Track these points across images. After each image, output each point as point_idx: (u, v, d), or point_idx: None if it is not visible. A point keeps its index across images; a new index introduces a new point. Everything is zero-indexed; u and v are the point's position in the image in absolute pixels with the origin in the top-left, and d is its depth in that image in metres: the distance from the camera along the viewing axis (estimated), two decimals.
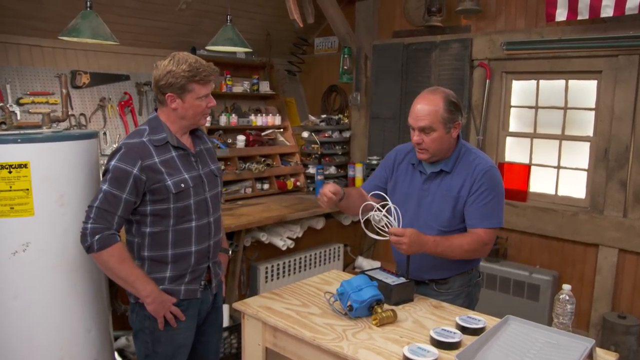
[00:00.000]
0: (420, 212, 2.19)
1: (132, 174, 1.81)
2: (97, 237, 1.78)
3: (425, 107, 2.03)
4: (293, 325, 1.89)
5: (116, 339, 2.99)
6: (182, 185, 1.92)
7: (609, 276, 3.44)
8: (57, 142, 1.93)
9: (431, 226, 2.14)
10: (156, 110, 1.99)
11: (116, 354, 2.86)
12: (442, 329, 1.77)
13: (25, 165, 1.84)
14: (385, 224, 2.02)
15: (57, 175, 1.93)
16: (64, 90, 2.19)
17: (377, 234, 2.05)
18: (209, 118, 4.15)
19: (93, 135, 2.11)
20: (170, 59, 1.87)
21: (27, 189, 1.85)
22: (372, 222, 2.05)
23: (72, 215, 1.97)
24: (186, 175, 1.94)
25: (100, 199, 1.81)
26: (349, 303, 1.91)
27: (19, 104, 3.35)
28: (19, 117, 3.29)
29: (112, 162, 1.83)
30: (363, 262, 4.59)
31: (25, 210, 1.86)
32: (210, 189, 2.06)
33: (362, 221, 2.07)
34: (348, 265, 4.63)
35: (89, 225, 1.79)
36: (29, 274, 1.91)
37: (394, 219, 2.02)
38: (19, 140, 1.83)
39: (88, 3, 2.80)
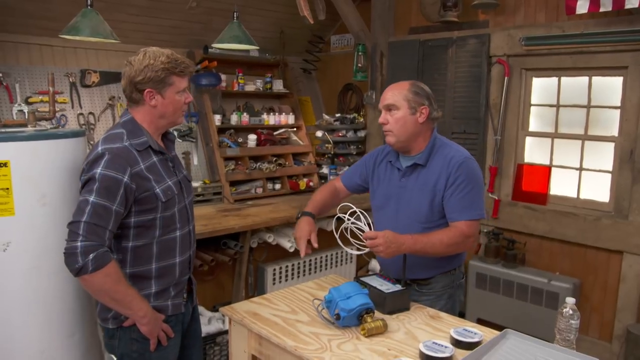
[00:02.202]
0: (400, 209, 2.15)
1: (123, 182, 1.65)
2: (91, 256, 1.59)
3: (392, 89, 2.10)
4: (277, 333, 1.80)
5: None
6: (169, 192, 1.80)
7: (634, 285, 3.22)
8: (39, 140, 1.89)
9: (412, 223, 2.09)
10: (127, 111, 1.84)
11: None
12: (434, 342, 1.66)
13: (5, 164, 1.81)
14: (357, 231, 1.94)
15: (38, 175, 1.89)
16: (50, 89, 2.14)
17: (356, 248, 1.98)
18: (219, 117, 4.12)
19: (79, 134, 2.07)
20: (144, 54, 1.75)
21: (7, 188, 1.82)
22: (347, 235, 1.99)
23: (54, 215, 1.93)
24: (170, 182, 1.83)
25: (89, 213, 1.61)
26: (336, 311, 1.81)
27: (27, 103, 3.36)
28: (26, 117, 3.30)
29: (98, 170, 1.65)
30: (377, 265, 4.46)
31: (5, 210, 1.82)
32: (187, 195, 1.95)
33: (337, 238, 2.00)
34: (361, 267, 4.52)
35: (80, 244, 1.59)
36: (8, 274, 1.87)
37: (364, 224, 1.94)
38: None
39: (89, 1, 2.77)
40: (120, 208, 1.68)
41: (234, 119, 4.22)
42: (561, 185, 3.68)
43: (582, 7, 3.09)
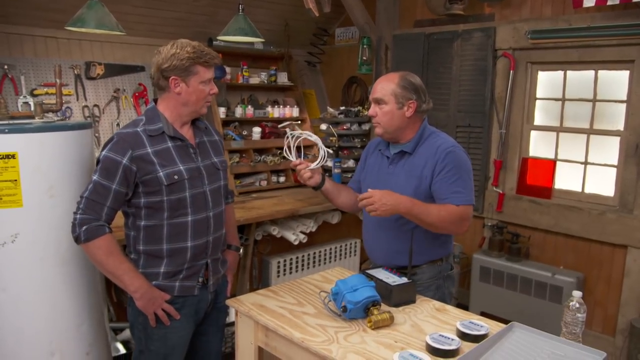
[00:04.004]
0: None
1: (122, 164, 1.78)
2: (84, 227, 1.75)
3: (382, 82, 2.14)
4: (284, 325, 1.81)
5: (122, 330, 2.98)
6: (176, 177, 1.86)
7: (638, 280, 3.23)
8: (47, 132, 1.90)
9: None
10: (155, 101, 1.95)
11: (120, 346, 2.85)
12: (440, 335, 1.67)
13: (13, 156, 1.81)
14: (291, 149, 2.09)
15: (46, 166, 1.90)
16: (57, 80, 2.14)
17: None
18: (224, 109, 4.12)
19: (86, 126, 2.07)
20: (173, 44, 1.86)
21: (16, 180, 1.83)
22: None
23: (62, 207, 1.94)
24: (181, 167, 1.88)
25: (90, 190, 1.78)
26: (343, 304, 1.82)
27: (32, 95, 3.37)
28: (32, 109, 3.31)
29: (103, 152, 1.80)
30: None
31: (13, 202, 1.83)
32: (210, 182, 1.99)
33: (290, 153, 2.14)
34: (365, 261, 4.53)
35: (78, 216, 1.77)
36: (17, 265, 1.89)
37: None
38: (6, 130, 1.80)
39: None
40: (121, 188, 1.80)
41: (238, 111, 4.22)
42: (566, 179, 3.68)
43: (589, 0, 3.07)
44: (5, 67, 3.30)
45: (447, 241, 2.24)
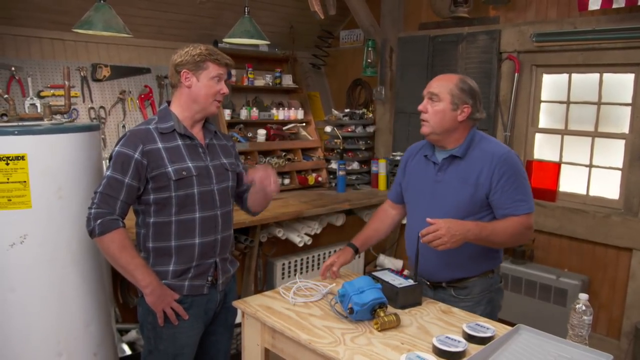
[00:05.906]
0: (435, 203, 2.07)
1: (134, 158, 1.84)
2: (98, 221, 1.80)
3: (440, 80, 2.06)
4: (290, 326, 1.82)
5: (127, 331, 2.99)
6: (184, 172, 1.91)
7: None
8: (56, 134, 1.92)
9: (448, 216, 1.97)
10: (168, 103, 2.01)
11: (126, 347, 2.86)
12: (447, 337, 1.67)
13: (23, 158, 1.83)
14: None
15: (55, 168, 1.92)
16: (66, 82, 2.16)
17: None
18: (229, 111, 4.13)
19: (94, 128, 2.09)
20: (189, 45, 1.99)
21: (25, 181, 1.84)
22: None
23: (70, 208, 1.96)
24: (190, 164, 1.94)
25: (104, 184, 1.84)
26: (349, 305, 1.82)
27: (39, 97, 3.39)
28: (39, 110, 3.32)
29: (116, 148, 1.87)
30: (385, 260, 4.48)
31: (22, 203, 1.85)
32: (218, 181, 2.03)
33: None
34: (369, 263, 4.54)
35: (92, 210, 1.82)
36: (26, 266, 1.90)
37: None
38: (16, 132, 1.82)
39: None
40: (134, 182, 1.86)
41: (243, 113, 4.23)
42: (571, 182, 3.68)
43: (594, 3, 3.08)
44: (13, 68, 3.31)
45: (497, 252, 2.12)
